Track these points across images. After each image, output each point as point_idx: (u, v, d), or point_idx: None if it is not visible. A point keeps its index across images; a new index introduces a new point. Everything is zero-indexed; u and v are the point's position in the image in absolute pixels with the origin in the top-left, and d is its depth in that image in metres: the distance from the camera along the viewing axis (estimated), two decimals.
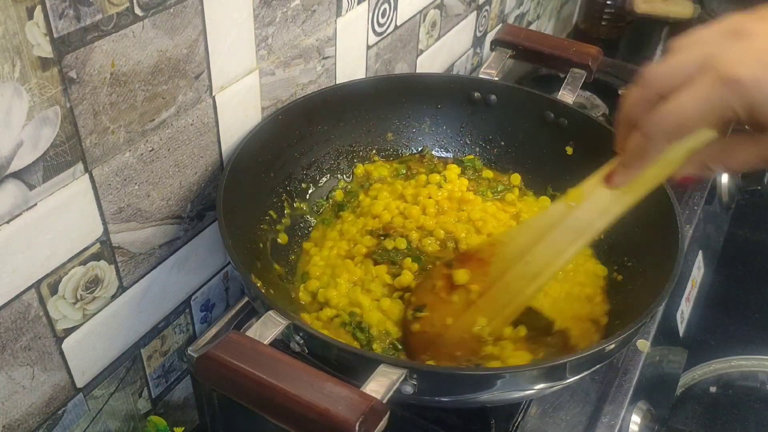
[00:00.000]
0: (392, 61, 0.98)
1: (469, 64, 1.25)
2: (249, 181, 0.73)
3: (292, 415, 0.47)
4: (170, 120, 0.63)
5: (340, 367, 0.55)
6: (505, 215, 0.83)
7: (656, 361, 0.84)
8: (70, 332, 0.63)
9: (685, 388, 1.09)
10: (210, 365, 0.50)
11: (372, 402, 0.47)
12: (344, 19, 0.83)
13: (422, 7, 0.99)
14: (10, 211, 0.52)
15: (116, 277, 0.65)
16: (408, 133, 0.91)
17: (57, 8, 0.48)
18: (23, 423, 0.62)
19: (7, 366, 0.57)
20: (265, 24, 0.70)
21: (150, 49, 0.58)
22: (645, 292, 0.66)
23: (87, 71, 0.53)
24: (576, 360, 0.56)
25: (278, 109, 0.77)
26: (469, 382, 0.56)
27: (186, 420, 0.85)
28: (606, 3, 1.63)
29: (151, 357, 0.75)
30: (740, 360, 1.10)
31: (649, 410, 0.75)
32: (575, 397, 0.73)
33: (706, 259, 1.09)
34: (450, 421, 0.68)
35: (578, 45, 0.92)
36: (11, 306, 0.55)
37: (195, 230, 0.73)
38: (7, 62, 0.47)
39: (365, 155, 0.89)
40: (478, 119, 0.90)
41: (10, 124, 0.49)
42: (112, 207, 0.61)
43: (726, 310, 1.20)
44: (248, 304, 0.69)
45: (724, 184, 1.10)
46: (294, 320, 0.55)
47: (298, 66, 0.79)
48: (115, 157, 0.59)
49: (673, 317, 0.94)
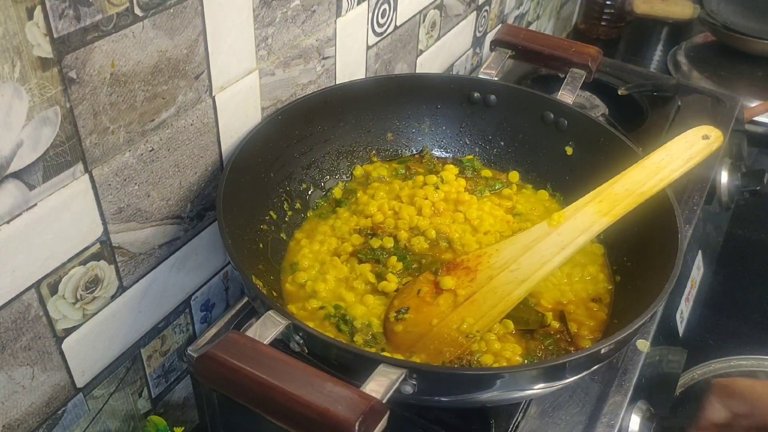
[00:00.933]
0: (392, 61, 0.98)
1: (469, 65, 1.25)
2: (249, 181, 0.74)
3: (292, 415, 0.47)
4: (170, 120, 0.63)
5: (339, 367, 0.55)
6: (501, 210, 0.84)
7: (656, 361, 0.84)
8: (70, 332, 0.63)
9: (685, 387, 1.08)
10: (210, 365, 0.50)
11: (372, 402, 0.47)
12: (344, 20, 0.83)
13: (422, 8, 0.99)
14: (10, 211, 0.52)
15: (116, 277, 0.65)
16: (408, 133, 0.91)
17: (57, 8, 0.48)
18: (23, 423, 0.62)
19: (7, 366, 0.57)
20: (265, 24, 0.70)
21: (150, 50, 0.58)
22: (644, 292, 0.66)
23: (87, 71, 0.53)
24: (575, 360, 0.57)
25: (278, 109, 0.78)
26: (469, 382, 0.56)
27: (186, 420, 0.85)
28: (606, 3, 1.63)
29: (151, 357, 0.75)
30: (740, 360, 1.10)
31: (648, 410, 0.75)
32: (575, 396, 0.73)
33: (706, 259, 1.09)
34: (450, 421, 0.68)
35: (578, 45, 0.92)
36: (11, 306, 0.56)
37: (195, 230, 0.73)
38: (7, 62, 0.47)
39: (365, 155, 0.89)
40: (477, 119, 0.90)
41: (10, 124, 0.49)
42: (112, 207, 0.61)
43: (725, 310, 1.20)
44: (248, 304, 0.69)
45: (723, 184, 1.10)
46: (294, 320, 0.55)
47: (298, 66, 0.79)
48: (115, 157, 0.59)
49: (672, 317, 0.94)
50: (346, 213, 0.82)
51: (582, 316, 0.72)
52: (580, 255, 0.78)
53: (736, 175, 1.11)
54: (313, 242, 0.78)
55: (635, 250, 0.75)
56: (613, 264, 0.78)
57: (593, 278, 0.76)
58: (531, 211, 0.84)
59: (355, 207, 0.83)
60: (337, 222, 0.81)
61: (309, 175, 0.84)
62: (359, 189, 0.85)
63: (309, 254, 0.77)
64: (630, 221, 0.74)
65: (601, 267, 0.77)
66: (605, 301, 0.74)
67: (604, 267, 0.77)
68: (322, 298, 0.72)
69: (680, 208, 0.70)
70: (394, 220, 0.80)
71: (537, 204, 0.85)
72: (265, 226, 0.76)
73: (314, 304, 0.71)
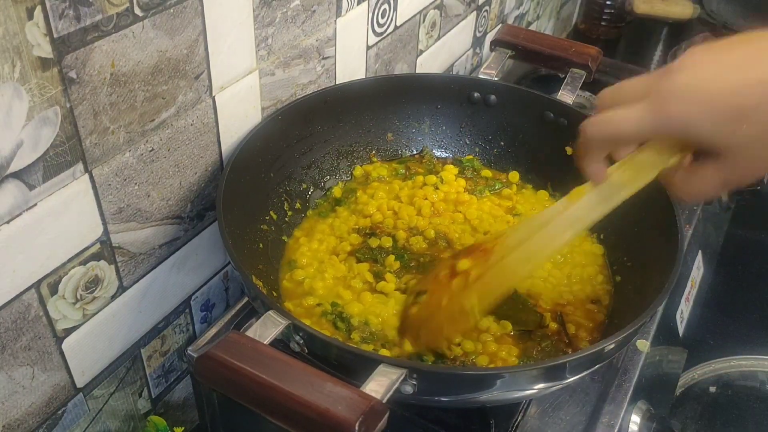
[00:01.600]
0: (392, 61, 0.98)
1: (469, 65, 1.25)
2: (249, 181, 0.74)
3: (292, 415, 0.47)
4: (170, 120, 0.63)
5: (339, 367, 0.55)
6: (500, 210, 0.84)
7: (656, 361, 0.84)
8: (70, 332, 0.63)
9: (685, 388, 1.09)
10: (210, 365, 0.50)
11: (372, 402, 0.47)
12: (344, 20, 0.83)
13: (422, 8, 0.99)
14: (10, 211, 0.52)
15: (116, 277, 0.65)
16: (408, 133, 0.91)
17: (57, 8, 0.48)
18: (23, 423, 0.62)
19: (7, 366, 0.57)
20: (265, 24, 0.70)
21: (150, 50, 0.58)
22: (645, 292, 0.66)
23: (87, 71, 0.53)
24: (576, 360, 0.57)
25: (278, 109, 0.78)
26: (469, 382, 0.56)
27: (186, 420, 0.85)
28: (606, 3, 1.63)
29: (151, 357, 0.75)
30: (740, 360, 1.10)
31: (648, 410, 0.75)
32: (575, 396, 0.73)
33: (706, 259, 1.09)
34: (450, 421, 0.68)
35: (578, 45, 0.92)
36: (11, 306, 0.56)
37: (195, 230, 0.73)
38: (7, 62, 0.47)
39: (365, 155, 0.89)
40: (477, 119, 0.90)
41: (10, 124, 0.49)
42: (112, 207, 0.61)
43: (725, 310, 1.20)
44: (248, 304, 0.69)
45: None
46: (294, 320, 0.55)
47: (298, 66, 0.79)
48: (115, 157, 0.59)
49: (672, 317, 0.94)
50: (346, 212, 0.82)
51: (580, 317, 0.72)
52: (579, 256, 0.78)
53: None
54: (312, 240, 0.78)
55: (635, 250, 0.75)
56: (612, 264, 0.78)
57: (592, 279, 0.76)
58: (531, 211, 0.84)
59: (354, 206, 0.83)
60: (336, 221, 0.81)
61: (309, 175, 0.84)
62: (359, 189, 0.86)
63: (307, 252, 0.77)
64: (630, 221, 0.74)
65: (601, 268, 0.77)
66: (604, 302, 0.74)
67: (603, 268, 0.77)
68: (320, 295, 0.72)
69: (680, 208, 0.69)
70: (393, 220, 0.81)
71: (537, 204, 0.85)
72: (265, 226, 0.76)
73: (311, 301, 0.72)
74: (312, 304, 0.71)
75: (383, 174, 0.88)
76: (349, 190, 0.85)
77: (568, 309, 0.72)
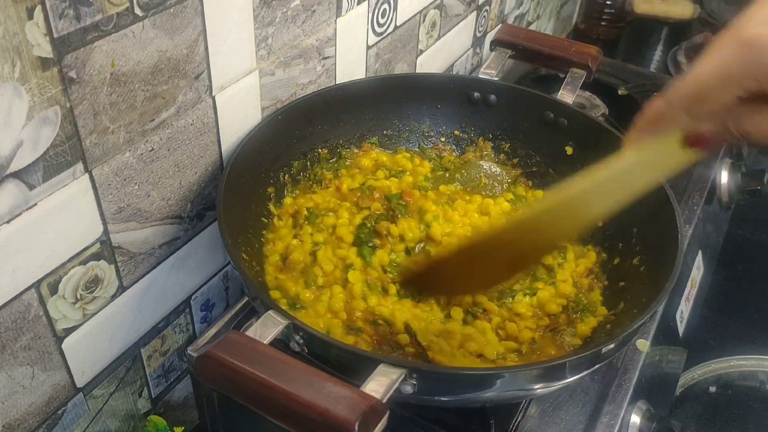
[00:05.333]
0: (392, 61, 0.98)
1: (469, 64, 1.25)
2: (249, 181, 0.74)
3: (292, 415, 0.47)
4: (170, 120, 0.63)
5: (339, 367, 0.55)
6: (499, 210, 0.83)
7: (656, 361, 0.84)
8: (70, 332, 0.63)
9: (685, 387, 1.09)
10: (210, 365, 0.50)
11: (372, 402, 0.47)
12: (344, 19, 0.83)
13: (422, 8, 0.99)
14: (10, 211, 0.52)
15: (116, 276, 0.65)
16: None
17: (57, 8, 0.48)
18: (23, 422, 0.62)
19: (7, 366, 0.57)
20: (265, 24, 0.70)
21: (150, 49, 0.58)
22: (644, 292, 0.66)
23: (87, 71, 0.53)
24: (576, 360, 0.56)
25: (278, 109, 0.78)
26: (469, 381, 0.56)
27: (186, 420, 0.85)
28: (606, 3, 1.63)
29: (151, 357, 0.75)
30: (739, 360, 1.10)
31: (648, 410, 0.75)
32: (575, 396, 0.73)
33: (706, 259, 1.09)
34: (450, 421, 0.68)
35: (578, 45, 0.92)
36: (11, 306, 0.56)
37: (195, 230, 0.73)
38: (7, 62, 0.47)
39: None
40: (477, 119, 0.90)
41: (10, 124, 0.49)
42: (112, 207, 0.61)
43: (725, 310, 1.21)
44: (248, 303, 0.69)
45: (723, 184, 1.10)
46: (294, 320, 0.55)
47: (298, 66, 0.79)
48: (115, 157, 0.59)
49: (672, 317, 0.94)
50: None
51: (580, 318, 0.71)
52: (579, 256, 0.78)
53: (736, 175, 1.11)
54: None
55: (635, 250, 0.75)
56: (612, 264, 0.77)
57: (592, 280, 0.76)
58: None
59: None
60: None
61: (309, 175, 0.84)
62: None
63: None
64: (630, 221, 0.74)
65: (601, 268, 0.77)
66: (603, 303, 0.73)
67: (603, 268, 0.77)
68: (299, 261, 0.73)
69: (680, 208, 0.69)
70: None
71: (537, 204, 0.85)
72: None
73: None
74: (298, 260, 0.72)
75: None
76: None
77: (570, 306, 0.72)
